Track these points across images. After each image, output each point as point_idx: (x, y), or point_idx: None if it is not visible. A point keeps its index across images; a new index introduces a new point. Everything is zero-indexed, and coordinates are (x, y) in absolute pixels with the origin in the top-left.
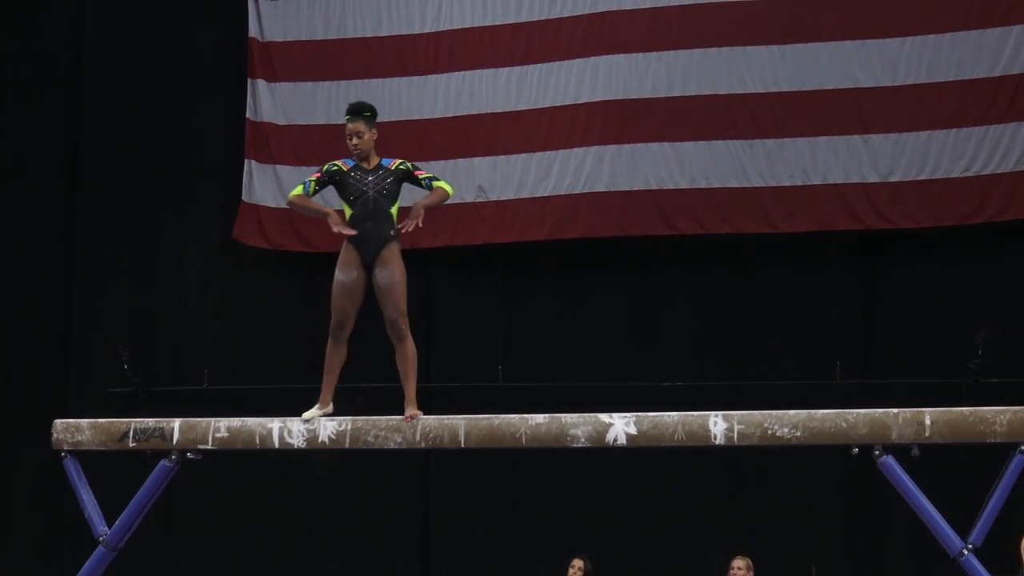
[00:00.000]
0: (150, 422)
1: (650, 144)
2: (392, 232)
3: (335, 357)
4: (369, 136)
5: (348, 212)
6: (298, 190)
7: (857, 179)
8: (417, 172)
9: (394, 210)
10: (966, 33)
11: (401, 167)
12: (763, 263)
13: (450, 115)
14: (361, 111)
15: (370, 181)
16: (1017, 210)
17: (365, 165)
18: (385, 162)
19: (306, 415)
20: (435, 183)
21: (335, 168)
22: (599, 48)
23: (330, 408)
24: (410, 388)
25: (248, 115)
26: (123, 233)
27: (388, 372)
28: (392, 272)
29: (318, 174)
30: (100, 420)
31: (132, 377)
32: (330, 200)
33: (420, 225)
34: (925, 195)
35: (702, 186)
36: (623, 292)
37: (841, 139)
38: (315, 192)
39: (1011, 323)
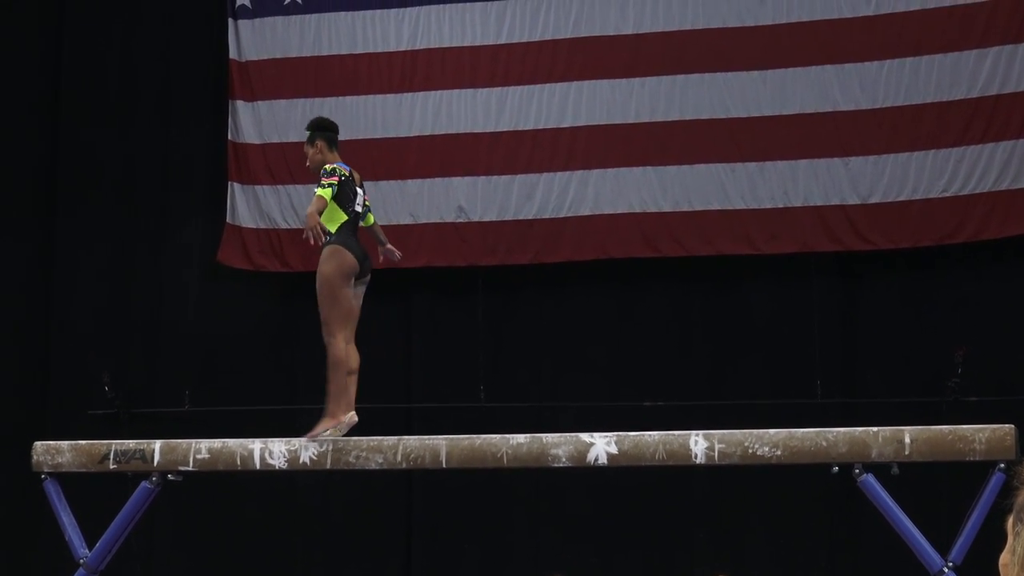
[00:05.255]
0: (131, 444)
1: (633, 168)
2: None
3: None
4: (312, 153)
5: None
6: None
7: (837, 201)
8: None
9: None
10: (943, 56)
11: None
12: (744, 283)
13: (426, 134)
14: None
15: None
16: (995, 230)
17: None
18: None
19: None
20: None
21: (346, 176)
22: (582, 73)
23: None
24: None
25: (230, 136)
26: (102, 254)
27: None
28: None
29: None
30: (80, 442)
31: (112, 399)
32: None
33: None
34: (905, 216)
35: (685, 209)
36: (604, 311)
37: (821, 162)
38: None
39: (989, 342)
